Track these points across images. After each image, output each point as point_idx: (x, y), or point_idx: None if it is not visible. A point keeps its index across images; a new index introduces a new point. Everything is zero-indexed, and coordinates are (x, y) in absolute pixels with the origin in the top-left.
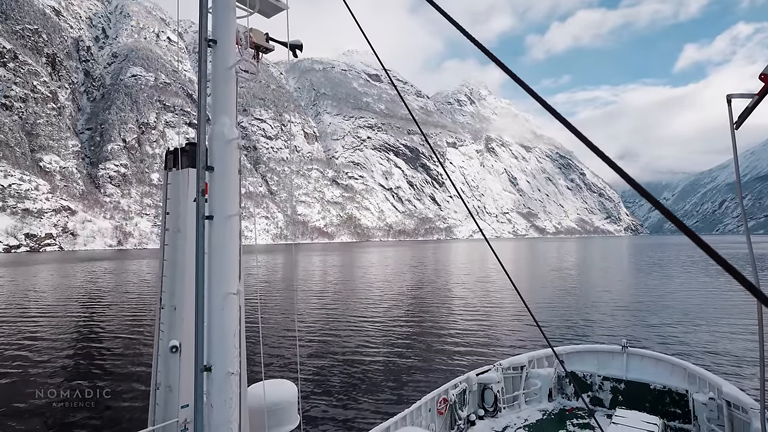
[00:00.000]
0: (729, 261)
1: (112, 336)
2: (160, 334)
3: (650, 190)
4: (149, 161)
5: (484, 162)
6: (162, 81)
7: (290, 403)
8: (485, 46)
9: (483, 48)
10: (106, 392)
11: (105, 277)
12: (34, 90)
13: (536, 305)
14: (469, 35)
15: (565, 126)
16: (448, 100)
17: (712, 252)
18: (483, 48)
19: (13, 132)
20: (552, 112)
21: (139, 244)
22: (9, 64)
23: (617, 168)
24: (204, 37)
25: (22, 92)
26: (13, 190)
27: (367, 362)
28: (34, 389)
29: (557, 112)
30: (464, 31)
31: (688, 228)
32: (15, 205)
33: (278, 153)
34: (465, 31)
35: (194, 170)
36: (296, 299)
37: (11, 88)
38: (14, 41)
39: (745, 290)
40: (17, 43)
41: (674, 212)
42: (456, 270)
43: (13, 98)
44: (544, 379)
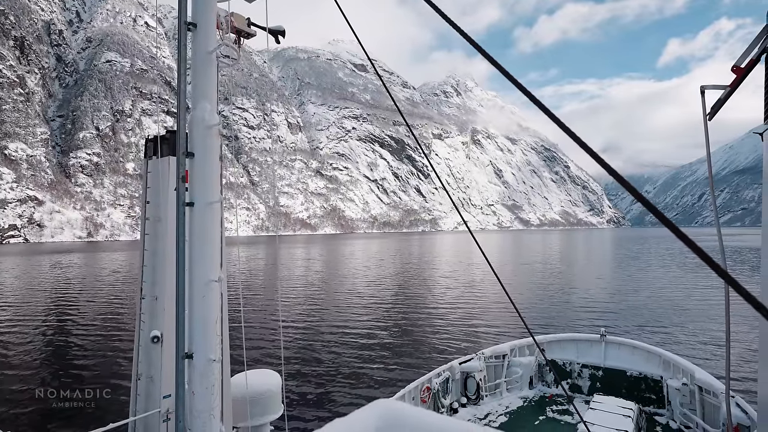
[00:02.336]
0: (706, 251)
1: (86, 329)
2: (141, 324)
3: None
4: (124, 150)
5: (470, 154)
6: (139, 67)
7: (274, 393)
8: (473, 38)
9: (470, 40)
10: (106, 392)
11: (76, 270)
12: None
13: (519, 295)
14: (457, 27)
15: (551, 119)
16: (435, 91)
17: (689, 241)
18: (470, 40)
19: None
20: (538, 104)
21: (110, 236)
22: None
23: (600, 160)
24: (184, 20)
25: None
26: None
27: (351, 352)
28: (9, 386)
29: (543, 104)
30: (452, 23)
31: (668, 220)
32: None
33: (260, 143)
34: (452, 22)
35: (175, 158)
36: (280, 290)
37: None
38: None
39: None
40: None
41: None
42: (440, 261)
43: None
44: (525, 367)
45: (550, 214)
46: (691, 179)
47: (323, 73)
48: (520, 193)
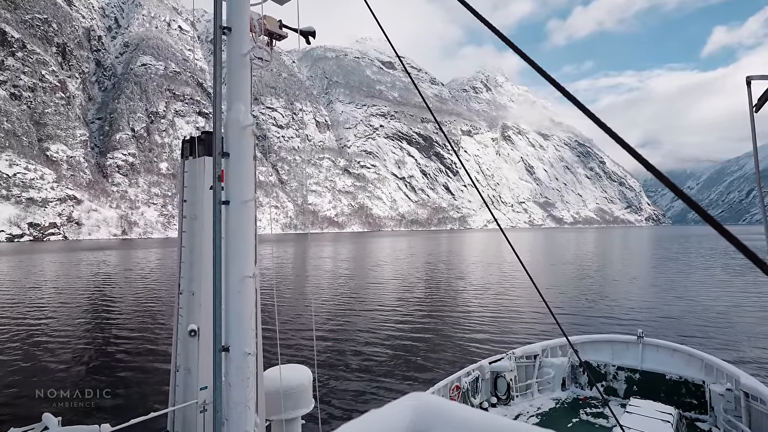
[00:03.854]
0: (753, 250)
1: (128, 322)
2: (179, 318)
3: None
4: (158, 150)
5: (500, 150)
6: (172, 70)
7: (305, 388)
8: (503, 33)
9: (501, 35)
10: (106, 392)
11: (115, 266)
12: (42, 79)
13: (551, 295)
14: (487, 21)
15: (584, 113)
16: (464, 87)
17: (734, 240)
18: (501, 35)
19: (21, 121)
20: (571, 99)
21: (143, 234)
22: (18, 53)
23: (638, 156)
24: (219, 24)
25: (31, 82)
26: (17, 179)
27: (381, 349)
28: (49, 379)
29: (576, 99)
30: (481, 18)
31: (712, 218)
32: (19, 194)
33: (289, 142)
34: (482, 17)
35: (210, 158)
36: (311, 286)
37: (20, 78)
38: (23, 30)
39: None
40: (26, 32)
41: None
42: (470, 260)
43: (22, 88)
44: (558, 368)
45: (585, 212)
46: (738, 174)
47: (351, 72)
48: (552, 190)
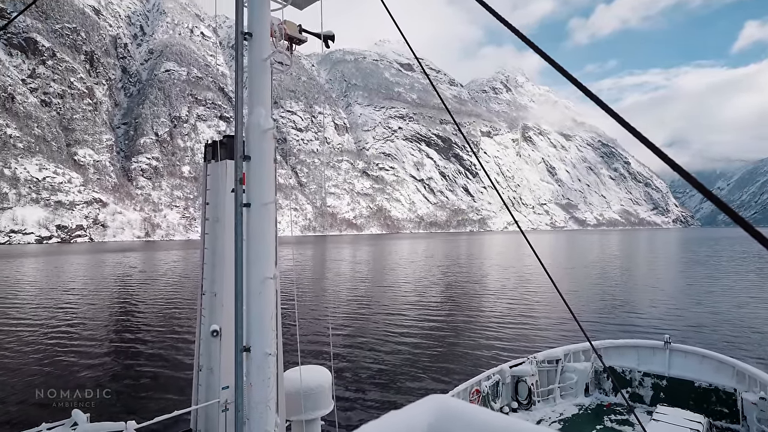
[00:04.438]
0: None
1: (151, 322)
2: (202, 319)
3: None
4: (180, 154)
5: (521, 151)
6: (194, 75)
7: (325, 389)
8: (523, 33)
9: (520, 34)
10: (106, 392)
11: (140, 267)
12: (71, 86)
13: (573, 298)
14: (506, 21)
15: (607, 113)
16: (483, 88)
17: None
18: (520, 34)
19: (50, 127)
20: (593, 98)
21: (166, 236)
22: (48, 62)
23: (664, 156)
24: (240, 30)
25: (60, 89)
26: (47, 182)
27: (400, 351)
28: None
29: (599, 98)
30: (500, 18)
31: (743, 219)
32: (48, 198)
33: (308, 145)
34: (501, 17)
35: (232, 162)
36: (330, 288)
37: (50, 85)
38: (53, 40)
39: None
40: (56, 41)
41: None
42: (490, 262)
43: (51, 95)
44: (581, 373)
45: (609, 214)
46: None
47: (370, 74)
48: (575, 191)
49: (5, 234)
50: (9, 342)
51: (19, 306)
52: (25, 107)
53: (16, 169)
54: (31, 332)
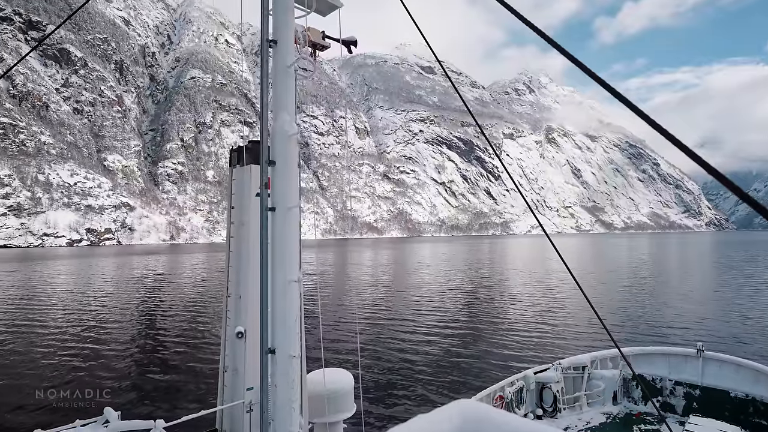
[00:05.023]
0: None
1: (178, 323)
2: (227, 320)
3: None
4: (205, 159)
5: (544, 153)
6: (219, 82)
7: (347, 392)
8: (546, 33)
9: (543, 35)
10: (106, 392)
11: (166, 270)
12: (101, 95)
13: (600, 304)
14: (529, 22)
15: (635, 113)
16: (506, 89)
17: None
18: (543, 35)
19: (82, 134)
20: (620, 98)
21: (190, 239)
22: (80, 71)
23: (695, 156)
24: (265, 38)
25: (91, 97)
26: (77, 187)
27: (422, 355)
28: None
29: (626, 98)
30: (523, 18)
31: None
32: (79, 202)
33: (329, 149)
34: (524, 17)
35: (256, 166)
36: (352, 291)
37: (81, 94)
38: (85, 50)
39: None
40: (88, 51)
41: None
42: (514, 266)
43: (83, 103)
44: (608, 380)
45: (637, 217)
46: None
47: (390, 78)
48: (601, 193)
49: (38, 237)
50: (41, 341)
51: (50, 307)
52: (58, 115)
53: (49, 175)
54: (61, 332)
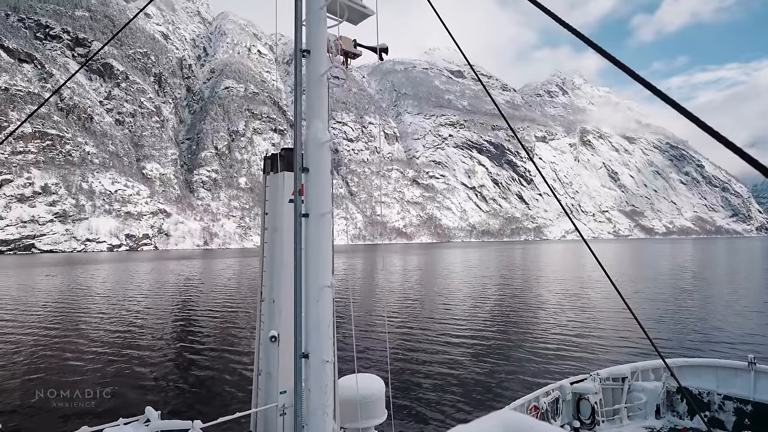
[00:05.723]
0: None
1: (212, 326)
2: (261, 324)
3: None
4: (237, 166)
5: (579, 156)
6: (251, 91)
7: (378, 398)
8: (581, 32)
9: (579, 34)
10: (106, 392)
11: (200, 274)
12: (141, 106)
13: (642, 312)
14: (563, 21)
15: (680, 112)
16: (538, 92)
17: None
18: (579, 34)
19: (123, 144)
20: (662, 97)
21: (222, 244)
22: (122, 84)
23: (747, 157)
24: (299, 48)
25: (132, 108)
26: (118, 195)
27: (453, 362)
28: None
29: (669, 96)
30: (557, 18)
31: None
32: (119, 209)
33: (359, 155)
34: (558, 17)
35: (290, 173)
36: (382, 297)
37: (123, 106)
38: (126, 64)
39: None
40: (129, 65)
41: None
42: (548, 272)
43: (124, 114)
44: (651, 393)
45: (680, 221)
46: None
47: (419, 83)
48: (640, 197)
49: (82, 242)
50: (80, 343)
51: (92, 309)
52: (101, 126)
53: (92, 183)
54: (100, 334)
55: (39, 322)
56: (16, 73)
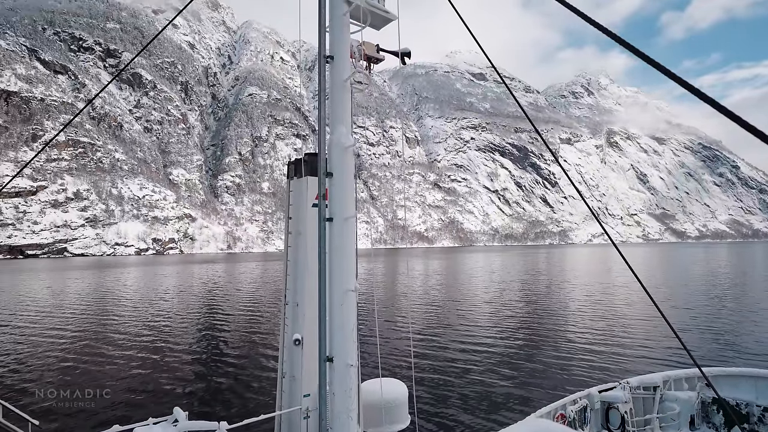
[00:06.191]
0: None
1: (238, 328)
2: (285, 327)
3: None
4: (260, 171)
5: (606, 158)
6: (274, 97)
7: (401, 402)
8: (609, 30)
9: (607, 31)
10: (106, 392)
11: (226, 277)
12: (168, 114)
13: (674, 318)
14: (591, 19)
15: (716, 109)
16: (562, 93)
17: None
18: (607, 31)
19: (151, 150)
20: (698, 94)
21: (245, 248)
22: (150, 92)
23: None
24: (323, 54)
25: (159, 116)
26: (146, 200)
27: (477, 368)
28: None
29: (705, 93)
30: (585, 16)
31: None
32: (147, 214)
33: (380, 159)
34: (585, 15)
35: (313, 178)
36: (404, 301)
37: (151, 113)
38: (154, 73)
39: None
40: (157, 74)
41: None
42: (575, 276)
43: (152, 122)
44: (684, 403)
45: (714, 225)
46: None
47: (441, 86)
48: (671, 200)
49: (111, 246)
50: (110, 344)
51: (119, 312)
52: (130, 134)
53: (121, 189)
54: (128, 335)
55: (70, 324)
56: (51, 84)
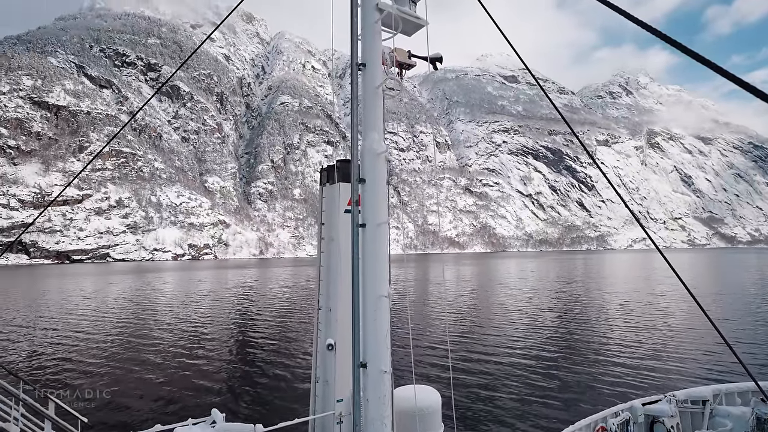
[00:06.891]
0: None
1: (272, 332)
2: (318, 332)
3: None
4: (292, 178)
5: (646, 160)
6: (305, 105)
7: (434, 410)
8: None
9: (648, 27)
10: (106, 392)
11: (258, 282)
12: (204, 123)
13: (725, 329)
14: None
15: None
16: (598, 93)
17: None
18: (648, 27)
19: (188, 159)
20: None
21: (277, 254)
22: (187, 104)
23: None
24: (355, 61)
25: (196, 126)
26: (183, 207)
27: (513, 377)
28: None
29: (758, 89)
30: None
31: None
32: (183, 220)
33: (410, 164)
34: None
35: (345, 184)
36: (442, 307)
37: (188, 124)
38: (192, 85)
39: None
40: (194, 86)
41: None
42: (615, 283)
43: (190, 131)
44: (737, 419)
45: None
46: None
47: (471, 90)
48: (719, 203)
49: (150, 252)
50: (150, 346)
51: (158, 315)
52: (169, 144)
53: (160, 196)
54: (167, 338)
55: (115, 326)
56: (97, 97)
